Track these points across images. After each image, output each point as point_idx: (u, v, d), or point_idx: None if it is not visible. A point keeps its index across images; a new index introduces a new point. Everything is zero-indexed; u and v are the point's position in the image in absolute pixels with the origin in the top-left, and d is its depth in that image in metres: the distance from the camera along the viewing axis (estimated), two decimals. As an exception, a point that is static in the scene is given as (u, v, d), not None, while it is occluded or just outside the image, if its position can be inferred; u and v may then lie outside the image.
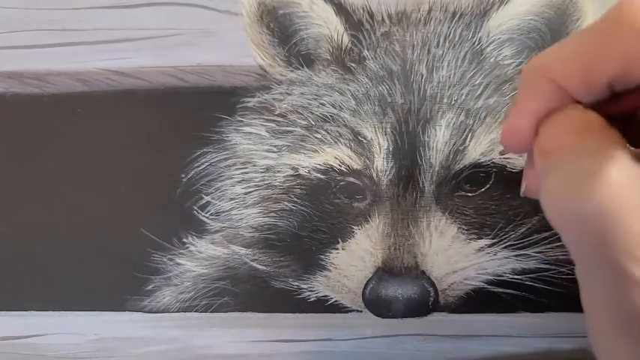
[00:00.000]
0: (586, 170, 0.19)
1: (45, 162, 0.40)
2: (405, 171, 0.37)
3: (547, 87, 0.21)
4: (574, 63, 0.20)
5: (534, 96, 0.21)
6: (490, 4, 0.38)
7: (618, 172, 0.19)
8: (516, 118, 0.22)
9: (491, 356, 0.38)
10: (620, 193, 0.18)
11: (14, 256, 0.40)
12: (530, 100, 0.21)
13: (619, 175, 0.19)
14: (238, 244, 0.39)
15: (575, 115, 0.20)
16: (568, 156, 0.20)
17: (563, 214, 0.20)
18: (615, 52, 0.19)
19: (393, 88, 0.37)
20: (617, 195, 0.18)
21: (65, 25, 0.40)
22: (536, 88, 0.21)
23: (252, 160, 0.39)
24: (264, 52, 0.39)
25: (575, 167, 0.19)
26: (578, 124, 0.20)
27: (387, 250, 0.37)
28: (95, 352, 0.39)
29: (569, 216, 0.20)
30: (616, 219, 0.18)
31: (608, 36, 0.19)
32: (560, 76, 0.20)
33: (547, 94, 0.21)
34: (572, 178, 0.19)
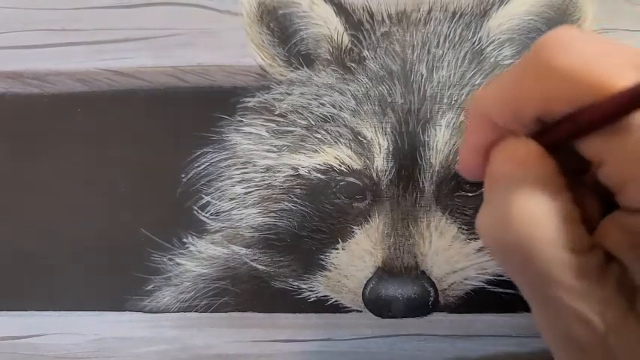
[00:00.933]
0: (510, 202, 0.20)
1: (45, 162, 0.40)
2: (405, 171, 0.37)
3: (485, 122, 0.22)
4: (502, 101, 0.21)
5: (476, 130, 0.23)
6: (490, 4, 0.38)
7: (537, 206, 0.20)
8: (465, 149, 0.24)
9: (491, 356, 0.38)
10: (538, 226, 0.20)
11: (14, 256, 0.40)
12: (473, 133, 0.23)
13: (538, 208, 0.20)
14: (238, 244, 0.39)
15: (516, 146, 0.22)
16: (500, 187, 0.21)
17: (491, 244, 0.21)
18: (535, 92, 0.20)
19: (393, 88, 0.37)
20: (536, 229, 0.20)
21: (65, 25, 0.40)
22: (477, 123, 0.23)
23: (252, 160, 0.39)
24: (264, 52, 0.39)
25: (502, 199, 0.21)
26: (517, 154, 0.21)
27: (387, 250, 0.37)
28: (95, 352, 0.39)
29: (496, 245, 0.21)
30: (534, 250, 0.20)
31: (528, 76, 0.20)
32: (493, 114, 0.22)
33: (486, 128, 0.22)
34: (498, 211, 0.21)
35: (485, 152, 0.23)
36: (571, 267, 0.19)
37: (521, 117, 0.21)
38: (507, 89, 0.21)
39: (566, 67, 0.19)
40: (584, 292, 0.20)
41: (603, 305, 0.20)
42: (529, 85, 0.20)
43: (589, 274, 0.20)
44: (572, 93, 0.19)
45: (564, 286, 0.20)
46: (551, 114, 0.20)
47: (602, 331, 0.20)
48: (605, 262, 0.20)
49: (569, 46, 0.19)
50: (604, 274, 0.20)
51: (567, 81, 0.19)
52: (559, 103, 0.20)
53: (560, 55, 0.19)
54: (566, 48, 0.19)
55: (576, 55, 0.19)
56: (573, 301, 0.20)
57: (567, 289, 0.20)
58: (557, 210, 0.20)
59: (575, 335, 0.20)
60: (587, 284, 0.20)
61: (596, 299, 0.20)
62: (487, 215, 0.22)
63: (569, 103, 0.20)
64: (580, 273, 0.20)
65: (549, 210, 0.20)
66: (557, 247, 0.20)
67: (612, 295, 0.20)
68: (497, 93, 0.22)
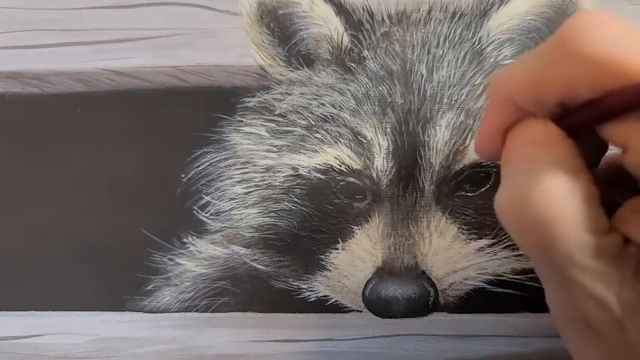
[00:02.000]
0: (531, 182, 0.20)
1: (45, 162, 0.40)
2: (405, 171, 0.37)
3: (507, 104, 0.22)
4: (525, 84, 0.21)
5: (497, 111, 0.23)
6: (490, 4, 0.38)
7: (559, 186, 0.20)
8: (485, 130, 0.24)
9: (491, 356, 0.38)
10: (559, 206, 0.20)
11: (14, 256, 0.40)
12: (494, 114, 0.23)
13: (560, 189, 0.20)
14: (238, 244, 0.39)
15: (534, 127, 0.22)
16: (520, 167, 0.22)
17: (510, 224, 0.22)
18: (559, 76, 0.20)
19: (393, 88, 0.37)
20: (556, 208, 0.20)
21: (65, 25, 0.40)
22: (498, 104, 0.23)
23: (252, 160, 0.39)
24: (264, 52, 0.39)
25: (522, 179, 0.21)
26: (537, 136, 0.21)
27: (387, 250, 0.37)
28: (95, 352, 0.39)
29: (516, 225, 0.21)
30: (555, 230, 0.20)
31: (552, 60, 0.20)
32: (515, 96, 0.22)
33: (508, 109, 0.22)
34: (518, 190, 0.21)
35: (504, 133, 0.23)
36: (590, 248, 0.20)
37: (544, 100, 0.21)
38: (531, 72, 0.21)
39: (593, 52, 0.19)
40: (602, 273, 0.20)
41: (620, 287, 0.20)
42: (553, 69, 0.20)
43: (607, 256, 0.20)
44: (598, 78, 0.19)
45: (582, 267, 0.20)
46: (574, 98, 0.20)
47: (617, 313, 0.20)
48: (624, 245, 0.20)
49: (596, 31, 0.19)
50: (622, 257, 0.20)
51: (593, 66, 0.19)
52: (584, 87, 0.20)
53: (586, 39, 0.19)
54: (592, 32, 0.19)
55: (603, 39, 0.19)
56: (590, 282, 0.20)
57: (585, 270, 0.20)
58: (578, 190, 0.20)
59: (590, 317, 0.20)
60: (605, 265, 0.20)
61: (613, 281, 0.20)
62: (506, 195, 0.22)
63: (594, 88, 0.20)
64: (599, 254, 0.20)
65: (570, 190, 0.20)
66: (577, 228, 0.20)
67: (629, 277, 0.20)
68: (521, 75, 0.22)
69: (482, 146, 0.25)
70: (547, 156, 0.21)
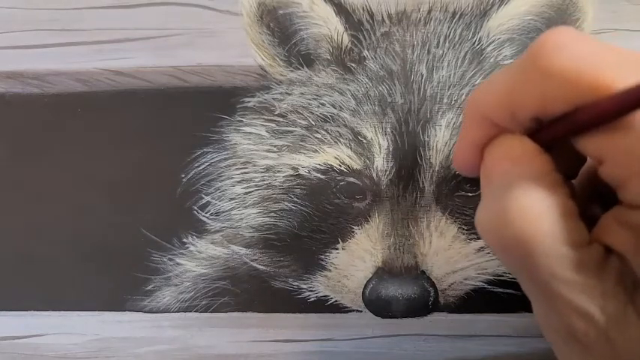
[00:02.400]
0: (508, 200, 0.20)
1: (45, 162, 0.40)
2: (405, 171, 0.37)
3: (483, 120, 0.22)
4: (499, 102, 0.22)
5: (473, 128, 0.23)
6: (490, 4, 0.38)
7: (536, 202, 0.20)
8: (462, 146, 0.24)
9: (491, 356, 0.38)
10: (537, 222, 0.20)
11: (14, 256, 0.40)
12: (470, 131, 0.23)
13: (536, 204, 0.20)
14: (238, 244, 0.39)
15: (511, 143, 0.22)
16: (497, 185, 0.22)
17: (491, 241, 0.22)
18: (531, 93, 0.20)
19: (393, 88, 0.37)
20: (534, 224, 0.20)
21: (65, 25, 0.40)
22: (474, 121, 0.23)
23: (252, 160, 0.39)
24: (264, 52, 0.39)
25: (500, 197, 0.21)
26: (514, 152, 0.22)
27: (387, 250, 0.37)
28: (95, 352, 0.39)
29: (496, 243, 0.21)
30: (534, 245, 0.20)
31: (524, 77, 0.21)
32: (490, 113, 0.22)
33: (484, 126, 0.23)
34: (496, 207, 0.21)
35: (482, 149, 0.23)
36: (570, 261, 0.20)
37: (518, 116, 0.21)
38: (504, 89, 0.21)
39: (563, 69, 0.19)
40: (584, 285, 0.20)
41: (603, 298, 0.20)
42: (526, 87, 0.21)
43: (588, 268, 0.20)
44: (570, 94, 0.20)
45: (564, 280, 0.20)
46: (548, 113, 0.21)
47: (602, 324, 0.20)
48: (604, 256, 0.20)
49: (566, 48, 0.20)
50: (603, 268, 0.20)
51: (564, 82, 0.19)
52: (556, 103, 0.20)
53: (556, 56, 0.20)
54: (562, 49, 0.20)
55: (573, 56, 0.19)
56: (573, 295, 0.20)
57: (567, 283, 0.20)
58: (555, 205, 0.20)
59: (576, 330, 0.20)
60: (586, 277, 0.20)
61: (596, 292, 0.20)
62: (485, 212, 0.22)
63: (566, 103, 0.20)
64: (579, 266, 0.20)
65: (547, 205, 0.20)
66: (556, 242, 0.20)
67: (612, 288, 0.20)
68: (494, 93, 0.22)
69: (460, 162, 0.25)
70: (524, 172, 0.21)
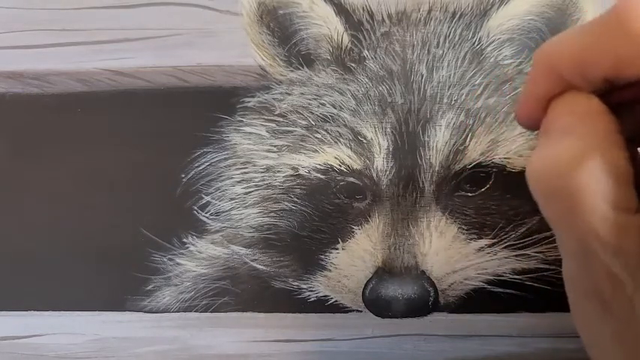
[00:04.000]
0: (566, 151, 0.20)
1: (45, 162, 0.40)
2: (405, 171, 0.37)
3: (551, 74, 0.22)
4: (572, 58, 0.21)
5: (541, 80, 0.23)
6: (490, 4, 0.38)
7: (593, 158, 0.20)
8: (526, 98, 0.24)
9: (491, 356, 0.38)
10: (591, 178, 0.20)
11: (14, 256, 0.40)
12: (537, 83, 0.23)
13: (594, 161, 0.20)
14: (238, 244, 0.39)
15: (577, 100, 0.22)
16: (557, 135, 0.21)
17: (540, 187, 0.22)
18: (606, 53, 0.20)
19: (393, 88, 0.37)
20: (587, 179, 0.20)
21: (65, 25, 0.40)
22: (542, 73, 0.23)
23: (252, 160, 0.39)
24: (264, 52, 0.39)
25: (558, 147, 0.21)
26: (580, 108, 0.21)
27: (387, 250, 0.37)
28: (95, 352, 0.39)
29: (545, 190, 0.21)
30: (583, 201, 0.20)
31: (601, 36, 0.20)
32: (561, 68, 0.22)
33: (552, 80, 0.22)
34: (553, 155, 0.21)
35: (546, 103, 0.23)
36: (613, 224, 0.20)
37: (590, 75, 0.21)
38: (579, 45, 0.21)
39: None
40: (621, 250, 0.20)
41: (637, 268, 0.19)
42: (604, 45, 0.20)
43: (629, 235, 0.20)
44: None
45: (604, 242, 0.20)
46: (622, 77, 0.20)
47: (630, 290, 0.20)
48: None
49: None
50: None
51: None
52: (633, 67, 0.20)
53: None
54: None
55: None
56: (610, 259, 0.20)
57: (605, 245, 0.20)
58: (612, 165, 0.20)
59: (602, 290, 0.20)
60: (625, 244, 0.20)
61: (632, 261, 0.20)
62: (539, 159, 0.22)
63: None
64: (621, 231, 0.20)
65: (604, 164, 0.20)
66: (605, 202, 0.20)
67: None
68: (568, 47, 0.21)
69: (522, 113, 0.24)
70: (585, 128, 0.21)
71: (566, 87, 0.22)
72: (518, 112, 0.25)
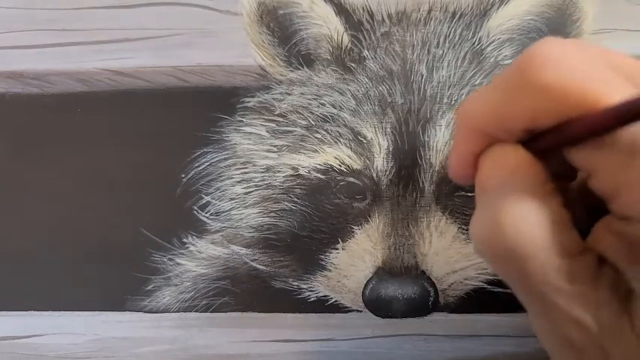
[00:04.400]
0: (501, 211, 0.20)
1: (45, 162, 0.40)
2: (405, 171, 0.37)
3: (475, 132, 0.22)
4: (489, 115, 0.22)
5: (466, 139, 0.23)
6: (490, 4, 0.38)
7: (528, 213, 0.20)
8: (456, 157, 0.24)
9: (491, 356, 0.38)
10: (530, 233, 0.20)
11: (14, 256, 0.40)
12: (463, 143, 0.23)
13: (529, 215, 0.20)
14: (238, 244, 0.39)
15: (504, 153, 0.22)
16: (491, 195, 0.22)
17: (484, 252, 0.22)
18: (520, 107, 0.20)
19: (393, 88, 0.37)
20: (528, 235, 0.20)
21: (65, 25, 0.40)
22: (467, 133, 0.23)
23: (252, 160, 0.39)
24: (264, 52, 0.39)
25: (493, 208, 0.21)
26: (508, 161, 0.22)
27: (387, 250, 0.37)
28: (95, 352, 0.39)
29: (490, 254, 0.21)
30: (528, 257, 0.20)
31: (513, 91, 0.21)
32: (481, 125, 0.22)
33: (476, 137, 0.23)
34: (490, 218, 0.21)
35: (475, 159, 0.23)
36: (564, 271, 0.20)
37: (510, 128, 0.21)
38: (493, 103, 0.21)
39: (551, 84, 0.19)
40: (578, 295, 0.20)
41: (596, 308, 0.20)
42: (515, 100, 0.20)
43: (582, 278, 0.20)
44: (559, 108, 0.19)
45: (558, 290, 0.20)
46: (538, 126, 0.21)
47: (596, 334, 0.20)
48: (598, 265, 0.20)
49: (554, 62, 0.19)
50: (597, 277, 0.20)
51: (553, 97, 0.19)
52: (546, 117, 0.20)
53: (544, 71, 0.19)
54: (550, 63, 0.19)
55: (561, 71, 0.19)
56: (567, 305, 0.20)
57: (561, 293, 0.20)
58: (549, 215, 0.20)
59: (571, 338, 0.20)
60: (580, 287, 0.20)
61: (590, 302, 0.20)
62: (479, 223, 0.22)
63: (556, 117, 0.20)
64: (573, 276, 0.20)
65: (541, 215, 0.20)
66: (550, 252, 0.20)
67: (605, 298, 0.20)
68: (484, 106, 0.22)
69: (455, 173, 0.25)
70: (516, 181, 0.21)
71: (491, 141, 0.22)
72: (451, 172, 0.25)
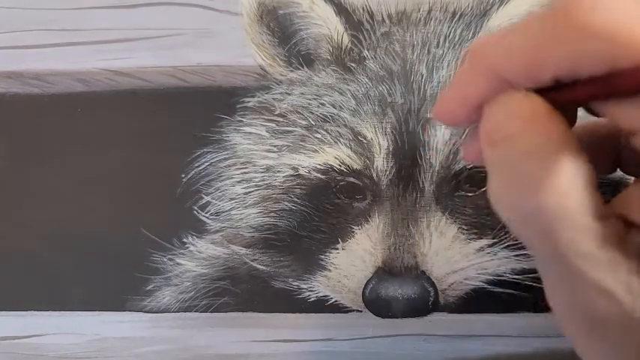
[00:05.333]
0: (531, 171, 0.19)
1: (45, 162, 0.40)
2: (405, 171, 0.37)
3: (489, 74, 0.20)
4: (518, 59, 0.19)
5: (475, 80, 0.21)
6: (490, 4, 0.38)
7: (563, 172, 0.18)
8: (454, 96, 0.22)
9: (491, 356, 0.38)
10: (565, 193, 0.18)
11: (14, 256, 0.40)
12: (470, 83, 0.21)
13: (564, 174, 0.18)
14: (238, 244, 0.39)
15: (520, 101, 0.20)
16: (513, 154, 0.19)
17: (510, 212, 0.20)
18: (561, 52, 0.18)
19: (393, 88, 0.37)
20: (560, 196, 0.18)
21: (65, 25, 0.40)
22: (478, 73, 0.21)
23: (252, 160, 0.39)
24: (264, 52, 0.39)
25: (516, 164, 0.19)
26: (524, 111, 0.19)
27: (387, 250, 0.37)
28: (95, 352, 0.39)
29: (516, 215, 0.20)
30: (560, 218, 0.18)
31: (555, 34, 0.18)
32: (503, 68, 0.20)
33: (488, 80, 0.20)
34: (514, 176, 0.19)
35: (477, 104, 0.21)
36: (595, 234, 0.18)
37: (538, 77, 0.19)
38: (528, 45, 0.19)
39: (606, 26, 0.17)
40: (609, 261, 0.18)
41: (629, 275, 0.18)
42: (557, 44, 0.18)
43: (613, 243, 0.18)
44: (608, 55, 0.17)
45: (588, 255, 0.18)
46: (576, 75, 0.19)
47: (628, 304, 0.18)
48: (625, 231, 0.19)
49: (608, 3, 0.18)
50: (626, 243, 0.19)
51: (603, 42, 0.17)
52: (590, 64, 0.18)
53: (597, 12, 0.17)
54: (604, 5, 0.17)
55: (617, 13, 0.17)
56: (597, 272, 0.18)
57: (591, 259, 0.18)
58: (580, 173, 0.18)
59: (598, 312, 0.19)
60: (611, 253, 0.18)
61: (622, 269, 0.18)
62: (500, 182, 0.20)
63: (602, 65, 0.18)
64: (604, 241, 0.18)
65: (574, 175, 0.18)
66: (582, 214, 0.18)
67: (637, 265, 0.18)
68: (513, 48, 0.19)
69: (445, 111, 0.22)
70: (540, 136, 0.19)
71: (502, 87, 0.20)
72: (438, 108, 0.23)
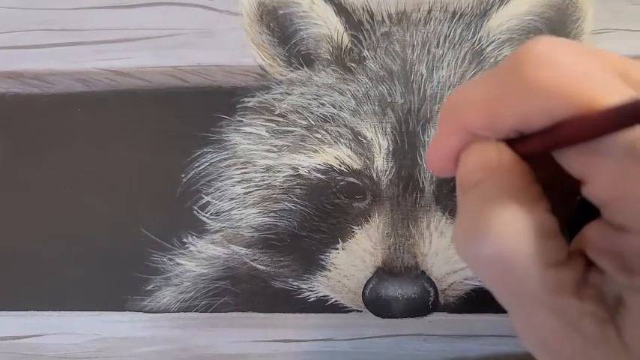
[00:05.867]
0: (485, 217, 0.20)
1: (45, 162, 0.40)
2: (405, 171, 0.37)
3: (459, 127, 0.22)
4: (478, 111, 0.21)
5: (450, 134, 0.22)
6: (490, 4, 0.38)
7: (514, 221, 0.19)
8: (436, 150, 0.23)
9: (491, 356, 0.38)
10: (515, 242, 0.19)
11: (14, 256, 0.40)
12: (446, 137, 0.22)
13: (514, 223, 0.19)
14: (238, 244, 0.39)
15: (487, 152, 0.21)
16: (474, 198, 0.21)
17: (468, 257, 0.21)
18: (511, 106, 0.19)
19: (393, 88, 0.37)
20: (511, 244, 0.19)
21: (65, 25, 0.40)
22: (451, 127, 0.22)
23: (252, 160, 0.39)
24: (264, 52, 0.39)
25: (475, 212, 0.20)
26: (490, 161, 0.21)
27: (387, 250, 0.37)
28: (95, 352, 0.39)
29: (473, 260, 0.21)
30: (512, 266, 0.19)
31: (505, 89, 0.20)
32: (467, 122, 0.21)
33: (460, 132, 0.22)
34: (472, 223, 0.20)
35: (457, 154, 0.22)
36: (548, 282, 0.19)
37: (498, 128, 0.20)
38: (483, 100, 0.20)
39: (548, 82, 0.18)
40: (561, 307, 0.19)
41: (580, 318, 0.19)
42: (506, 98, 0.20)
43: (566, 288, 0.19)
44: (555, 109, 0.19)
45: (541, 301, 0.19)
46: (529, 127, 0.20)
47: (579, 344, 0.19)
48: (585, 270, 0.20)
49: (550, 60, 0.19)
50: (583, 286, 0.19)
51: (549, 96, 0.18)
52: (539, 117, 0.19)
53: (541, 69, 0.19)
54: (547, 61, 0.19)
55: (559, 69, 0.18)
56: (550, 316, 0.19)
57: (544, 304, 0.19)
58: (533, 222, 0.19)
59: (552, 346, 0.20)
60: (563, 299, 0.19)
61: (574, 314, 0.19)
62: (462, 229, 0.21)
63: (549, 118, 0.19)
64: (557, 287, 0.19)
65: (525, 223, 0.19)
66: (534, 263, 0.19)
67: (591, 307, 0.19)
68: (472, 102, 0.21)
69: (433, 165, 0.24)
70: (501, 185, 0.20)
71: (475, 138, 0.21)
72: (428, 163, 0.24)
